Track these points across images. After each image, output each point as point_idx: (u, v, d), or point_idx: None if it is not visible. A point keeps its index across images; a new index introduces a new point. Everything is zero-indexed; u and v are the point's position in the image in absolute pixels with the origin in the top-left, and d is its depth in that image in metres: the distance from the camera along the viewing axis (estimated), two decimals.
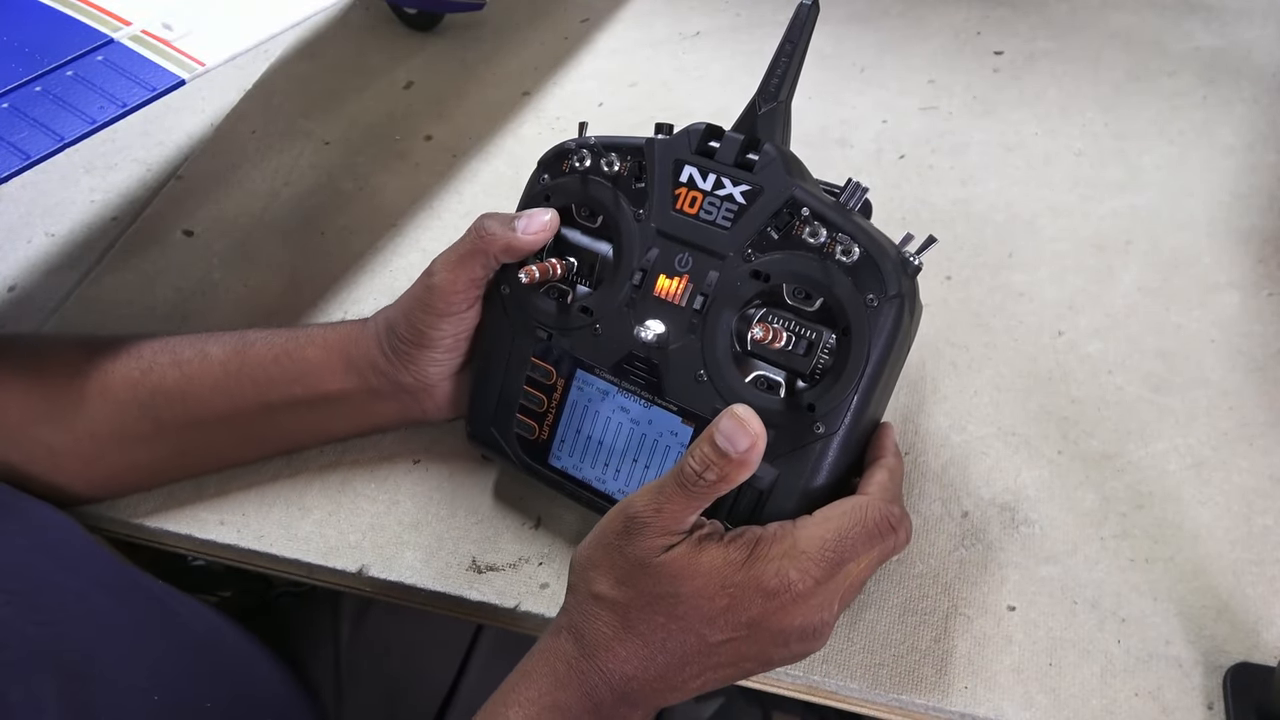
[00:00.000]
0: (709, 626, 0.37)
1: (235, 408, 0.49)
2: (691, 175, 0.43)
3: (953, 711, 0.42)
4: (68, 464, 0.50)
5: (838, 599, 0.39)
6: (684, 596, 0.37)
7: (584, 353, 0.45)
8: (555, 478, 0.47)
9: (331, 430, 0.53)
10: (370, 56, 0.83)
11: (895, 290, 0.39)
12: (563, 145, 0.47)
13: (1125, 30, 0.73)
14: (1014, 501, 0.49)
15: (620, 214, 0.45)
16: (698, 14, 0.82)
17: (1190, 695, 0.42)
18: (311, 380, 0.49)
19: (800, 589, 0.37)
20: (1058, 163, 0.64)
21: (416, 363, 0.48)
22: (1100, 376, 0.53)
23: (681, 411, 0.43)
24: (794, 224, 0.41)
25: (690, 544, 0.38)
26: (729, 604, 0.37)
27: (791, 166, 0.42)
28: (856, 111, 0.70)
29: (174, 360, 0.50)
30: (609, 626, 0.38)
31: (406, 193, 0.70)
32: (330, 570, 0.50)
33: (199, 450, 0.52)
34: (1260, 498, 0.47)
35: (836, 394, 0.40)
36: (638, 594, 0.38)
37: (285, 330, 0.51)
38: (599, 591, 0.38)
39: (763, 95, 0.43)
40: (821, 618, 0.38)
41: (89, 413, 0.49)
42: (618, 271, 0.45)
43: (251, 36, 0.49)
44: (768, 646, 0.38)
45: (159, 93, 0.45)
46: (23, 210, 0.74)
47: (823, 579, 0.37)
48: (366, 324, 0.50)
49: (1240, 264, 0.57)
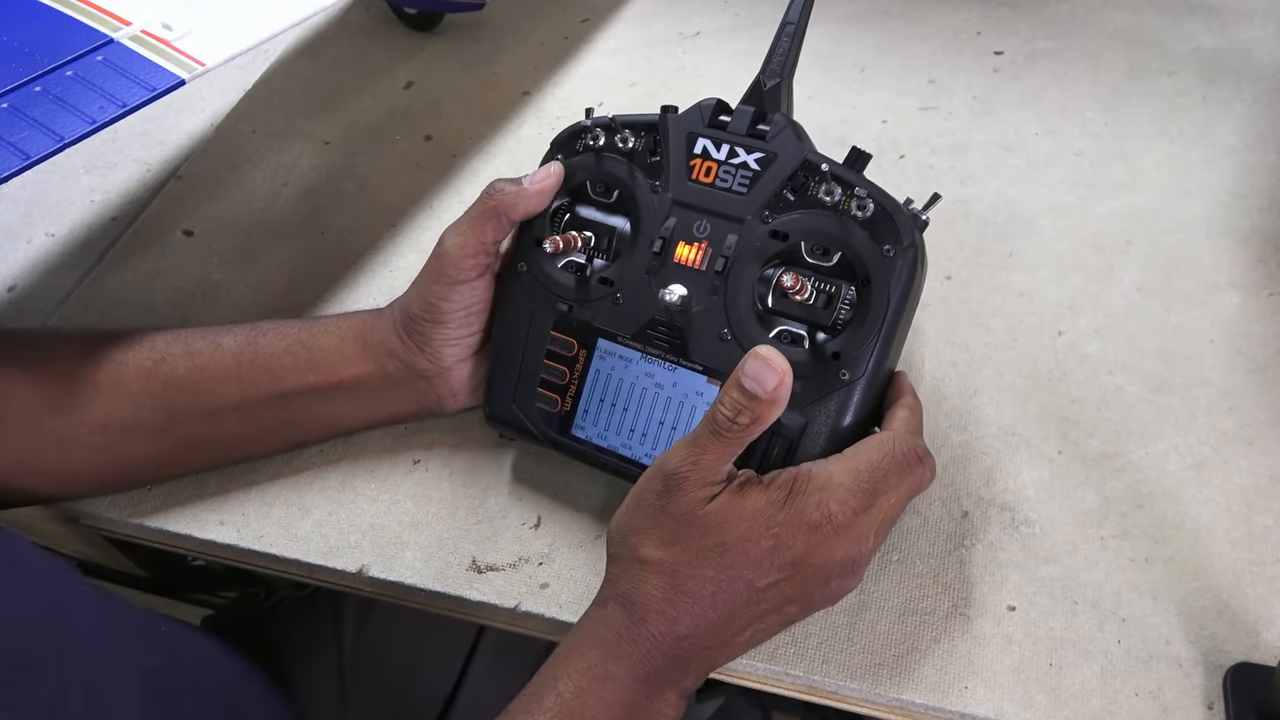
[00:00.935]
0: (755, 570, 0.38)
1: (248, 398, 0.49)
2: (705, 146, 0.45)
3: (953, 711, 0.42)
4: (78, 454, 0.50)
5: (873, 531, 0.40)
6: (730, 544, 0.38)
7: (606, 322, 0.46)
8: (580, 448, 0.47)
9: (343, 421, 0.53)
10: (370, 56, 0.83)
11: (910, 240, 0.41)
12: (577, 125, 0.48)
13: (1125, 30, 0.73)
14: (1014, 501, 0.49)
15: (637, 186, 0.46)
16: (698, 14, 0.82)
17: (1190, 695, 0.42)
18: (326, 369, 0.49)
19: (840, 520, 0.38)
20: (1058, 163, 0.64)
21: (431, 342, 0.48)
22: (1100, 376, 0.53)
23: (707, 371, 0.44)
24: (809, 185, 0.43)
25: (731, 492, 0.38)
26: (774, 544, 0.38)
27: (801, 133, 0.45)
28: (856, 111, 0.70)
29: (186, 351, 0.50)
30: (658, 589, 0.38)
31: (406, 193, 0.70)
32: (330, 570, 0.50)
33: (210, 442, 0.52)
34: (1260, 498, 0.47)
35: (859, 341, 0.42)
36: (685, 550, 0.38)
37: (299, 320, 0.51)
38: (645, 555, 0.39)
39: (767, 72, 0.46)
40: (860, 550, 0.39)
41: (101, 403, 0.49)
42: (636, 242, 0.46)
43: (251, 36, 0.49)
44: (810, 585, 0.39)
45: (159, 93, 0.45)
46: (23, 210, 0.74)
47: (860, 509, 0.39)
48: (383, 311, 0.50)
49: (1240, 264, 0.57)
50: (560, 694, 0.38)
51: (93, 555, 0.65)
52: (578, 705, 0.38)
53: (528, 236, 0.49)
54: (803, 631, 0.45)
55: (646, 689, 0.39)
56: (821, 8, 0.82)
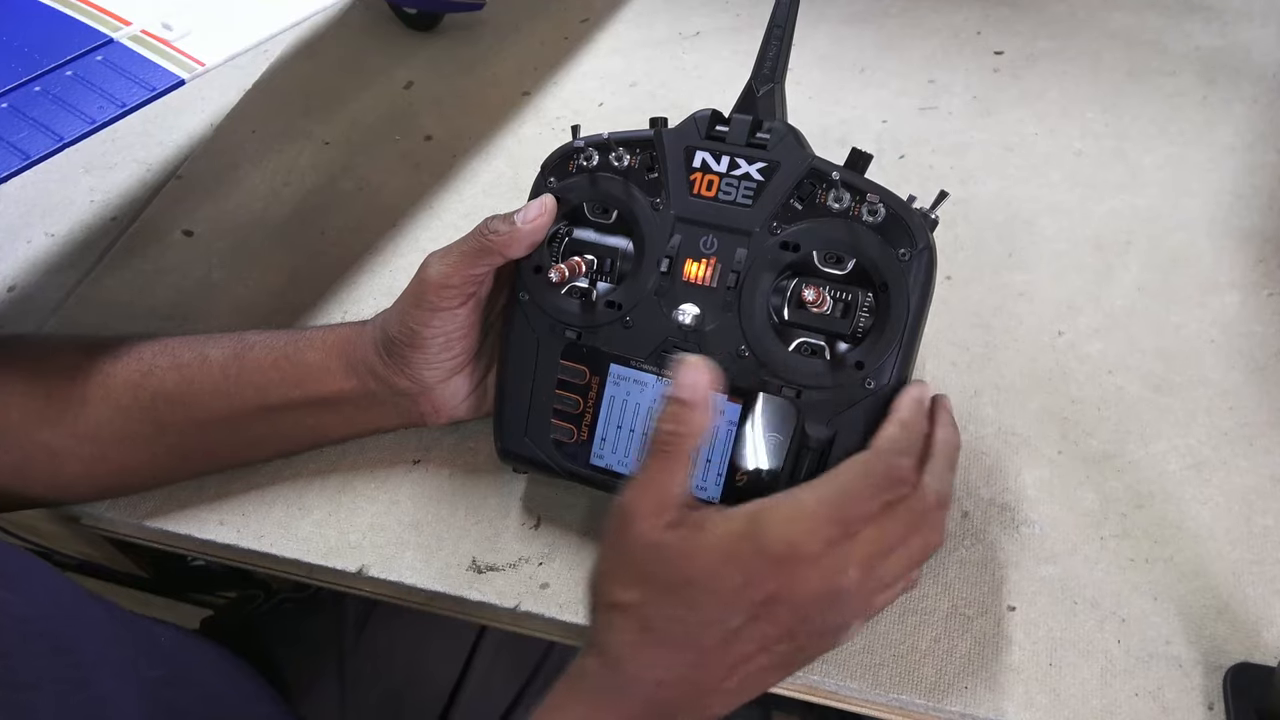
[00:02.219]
0: (726, 609, 0.36)
1: (235, 411, 0.49)
2: (705, 160, 0.44)
3: (953, 711, 0.42)
4: (68, 465, 0.50)
5: (855, 563, 0.36)
6: (696, 581, 0.36)
7: (617, 346, 0.45)
8: (601, 477, 0.46)
9: (330, 433, 0.53)
10: (370, 56, 0.83)
11: (924, 242, 0.41)
12: (568, 146, 0.47)
13: (1125, 30, 0.73)
14: (1014, 501, 0.49)
15: (637, 206, 0.45)
16: (698, 14, 0.82)
17: (1190, 695, 0.42)
18: (311, 384, 0.49)
19: (808, 551, 0.36)
20: (1058, 163, 0.64)
21: (410, 364, 0.47)
22: (1100, 376, 0.53)
23: (726, 389, 0.43)
24: (816, 192, 0.42)
25: (692, 525, 0.37)
26: (744, 581, 0.36)
27: (801, 139, 0.44)
28: (856, 111, 0.70)
29: (174, 363, 0.50)
30: (629, 633, 0.37)
31: (406, 193, 0.70)
32: (330, 570, 0.50)
33: (199, 452, 0.52)
34: (1260, 498, 0.47)
35: (882, 349, 0.41)
36: (651, 589, 0.37)
37: (284, 332, 0.51)
38: (613, 598, 0.38)
39: (758, 78, 0.45)
40: (838, 584, 0.36)
41: (90, 415, 0.49)
42: (641, 262, 0.45)
43: (251, 36, 0.49)
44: (793, 623, 0.37)
45: (159, 92, 0.45)
46: (23, 210, 0.74)
47: (834, 539, 0.36)
48: (365, 326, 0.50)
49: (1240, 264, 0.57)
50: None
51: (93, 555, 0.65)
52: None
53: (527, 265, 0.47)
54: None
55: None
56: (821, 8, 0.82)
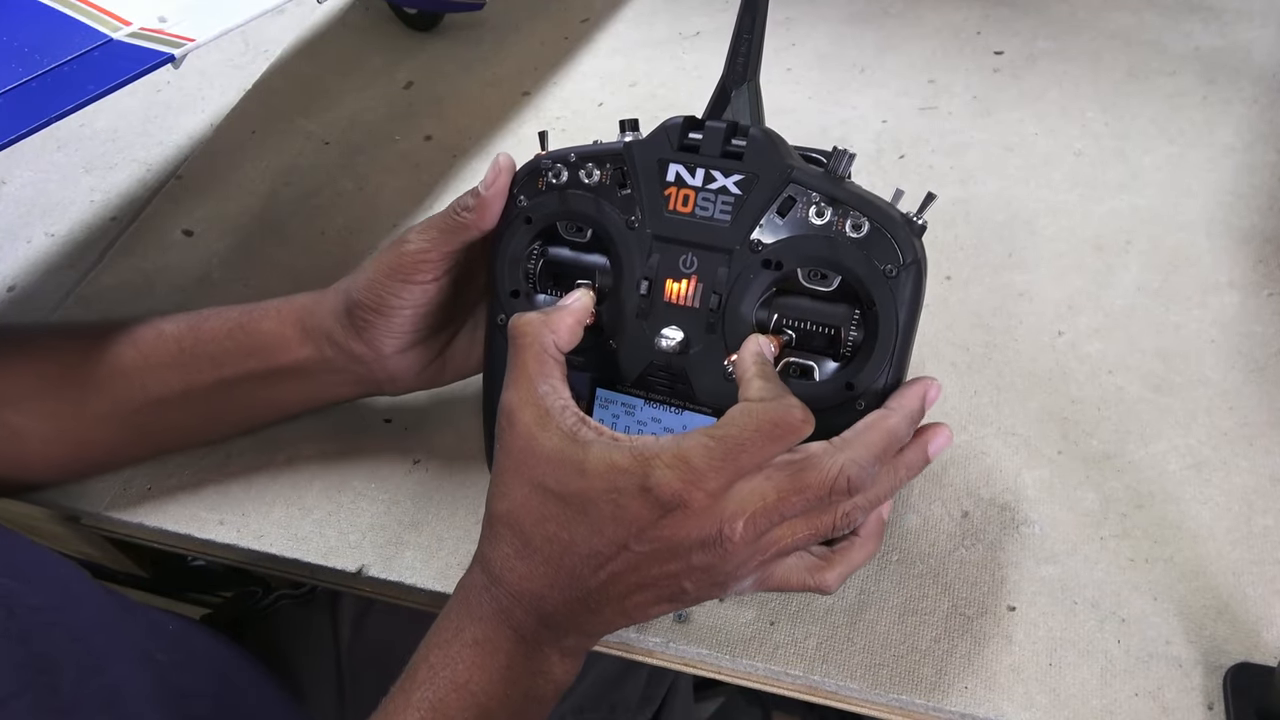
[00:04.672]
0: (598, 537, 0.36)
1: (191, 385, 0.49)
2: (679, 173, 0.42)
3: (953, 711, 0.42)
4: (31, 446, 0.50)
5: (740, 515, 0.35)
6: (570, 500, 0.36)
7: (601, 370, 0.44)
8: None
9: (288, 405, 0.53)
10: (370, 56, 0.83)
11: (910, 257, 0.39)
12: (535, 161, 0.45)
13: (1125, 30, 0.73)
14: (1014, 501, 0.49)
15: (611, 225, 0.43)
16: (698, 14, 0.82)
17: (1190, 695, 0.42)
18: (266, 353, 0.49)
19: (690, 497, 0.35)
20: (1058, 163, 0.64)
21: (372, 330, 0.47)
22: (1100, 376, 0.53)
23: (717, 412, 0.42)
24: (796, 206, 0.40)
25: (576, 439, 0.37)
26: (614, 513, 0.35)
27: (779, 147, 0.41)
28: (856, 111, 0.70)
29: (130, 339, 0.50)
30: (509, 545, 0.37)
31: (406, 193, 0.70)
32: (330, 570, 0.50)
33: (159, 429, 0.52)
34: (1260, 498, 0.47)
35: (872, 368, 0.40)
36: (529, 499, 0.37)
37: (241, 305, 0.51)
38: (495, 509, 0.38)
39: (731, 78, 0.43)
40: (720, 530, 0.35)
41: (50, 394, 0.50)
42: (620, 284, 0.43)
43: (242, 13, 0.49)
44: (675, 567, 0.36)
45: (149, 67, 0.45)
46: (23, 210, 0.74)
47: (717, 490, 0.35)
48: (324, 294, 0.50)
49: (1240, 264, 0.57)
50: (431, 665, 0.38)
51: (93, 555, 0.65)
52: (450, 674, 0.37)
53: (503, 288, 0.45)
54: (803, 631, 0.45)
55: (522, 649, 0.38)
56: (821, 8, 0.82)
